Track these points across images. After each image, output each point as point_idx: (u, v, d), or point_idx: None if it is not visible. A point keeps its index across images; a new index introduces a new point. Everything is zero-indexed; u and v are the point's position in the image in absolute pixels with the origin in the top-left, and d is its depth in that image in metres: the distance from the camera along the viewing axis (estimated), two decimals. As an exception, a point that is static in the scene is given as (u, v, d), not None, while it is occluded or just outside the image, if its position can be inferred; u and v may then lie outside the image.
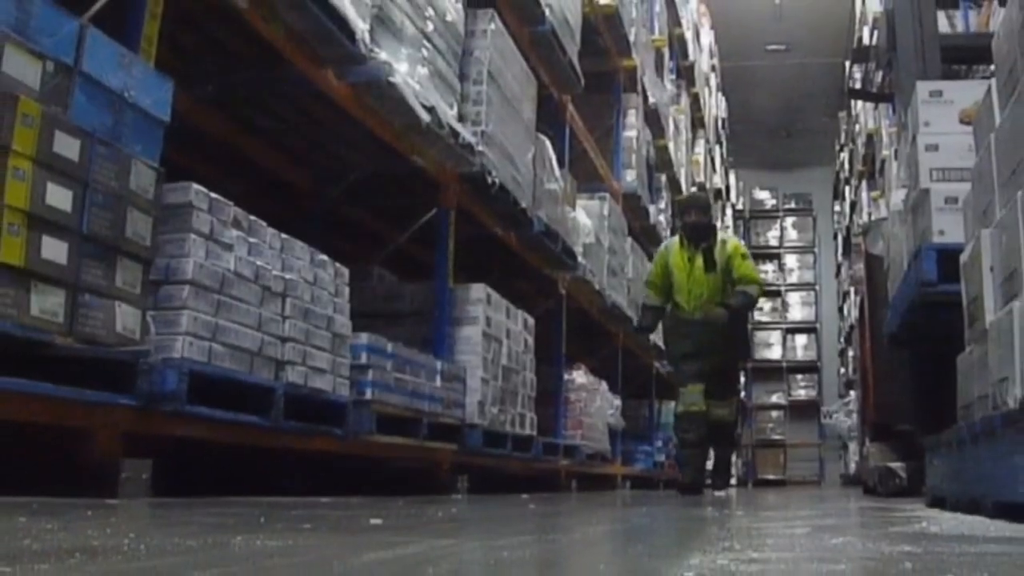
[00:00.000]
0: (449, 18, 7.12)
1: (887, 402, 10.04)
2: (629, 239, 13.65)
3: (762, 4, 23.72)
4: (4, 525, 2.33)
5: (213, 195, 4.72)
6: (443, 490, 7.16)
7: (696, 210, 10.14)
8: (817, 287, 29.55)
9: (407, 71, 6.34)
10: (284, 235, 5.36)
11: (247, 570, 1.72)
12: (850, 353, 21.60)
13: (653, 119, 15.60)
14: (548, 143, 9.66)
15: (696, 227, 9.96)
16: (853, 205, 21.85)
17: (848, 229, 23.16)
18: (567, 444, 10.75)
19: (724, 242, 10.06)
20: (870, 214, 16.18)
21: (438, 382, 7.08)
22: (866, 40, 14.89)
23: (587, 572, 1.99)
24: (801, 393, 28.41)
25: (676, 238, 10.41)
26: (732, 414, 10.33)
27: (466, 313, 7.91)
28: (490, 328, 8.05)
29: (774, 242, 29.29)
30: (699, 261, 9.78)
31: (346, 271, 6.02)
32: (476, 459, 7.80)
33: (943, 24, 9.53)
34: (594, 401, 12.07)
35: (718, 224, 14.24)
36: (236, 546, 2.12)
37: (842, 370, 25.71)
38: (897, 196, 9.04)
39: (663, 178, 17.22)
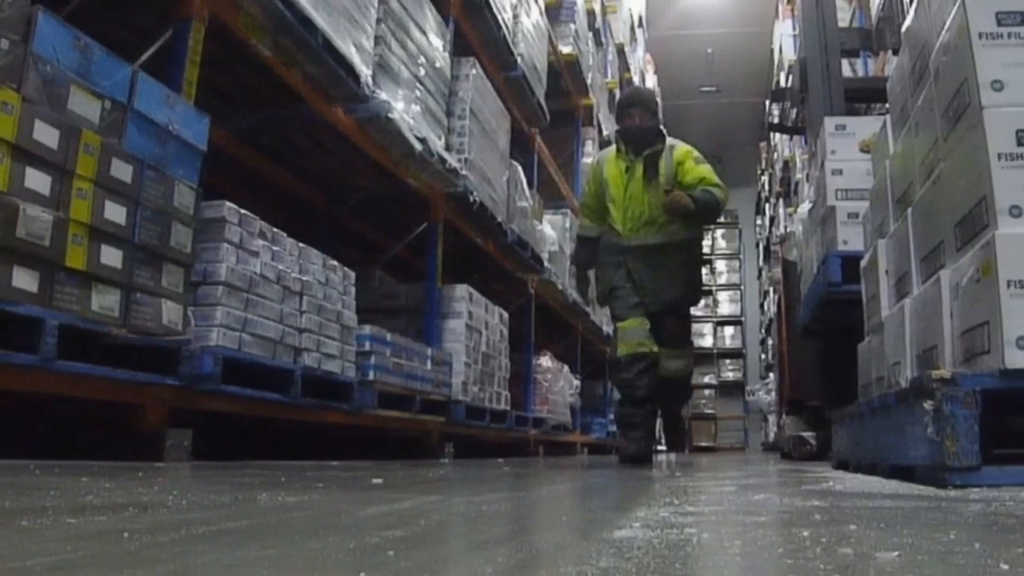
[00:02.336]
0: (438, 65, 7.13)
1: (800, 382, 10.05)
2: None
3: (697, 54, 23.79)
4: (69, 484, 2.33)
5: (242, 211, 4.72)
6: (433, 455, 7.16)
7: (640, 110, 7.02)
8: (742, 287, 29.59)
9: (403, 108, 6.35)
10: (301, 244, 5.36)
11: (271, 521, 1.72)
12: (769, 342, 21.60)
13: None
14: (519, 168, 9.66)
15: (639, 131, 6.95)
16: (772, 219, 21.88)
17: (768, 239, 23.18)
18: (536, 417, 10.74)
19: (672, 147, 6.95)
20: (786, 227, 16.20)
21: (429, 366, 7.08)
22: (783, 83, 14.91)
23: (552, 522, 2.00)
24: (729, 375, 28.46)
25: (613, 147, 7.30)
26: (687, 366, 7.26)
27: (452, 309, 7.91)
28: (472, 321, 8.05)
29: (706, 250, 29.25)
30: (638, 171, 6.89)
31: (352, 274, 6.01)
32: (460, 429, 7.79)
33: (847, 70, 9.57)
34: (558, 381, 12.06)
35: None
36: (262, 501, 2.12)
37: (763, 356, 25.70)
38: (804, 208, 9.06)
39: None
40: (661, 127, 7.18)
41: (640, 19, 20.07)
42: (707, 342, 28.40)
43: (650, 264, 6.90)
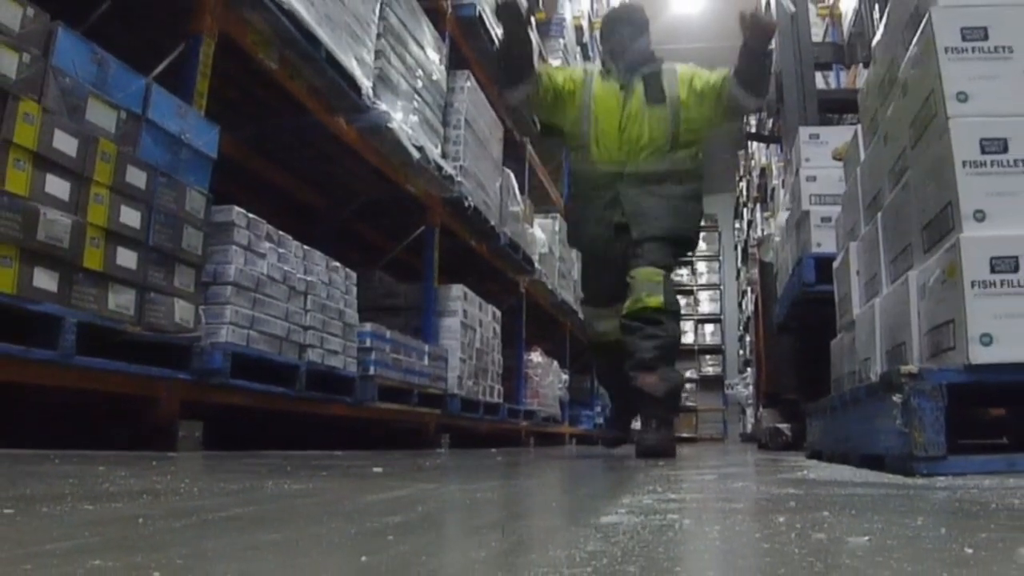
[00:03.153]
0: (435, 78, 7.14)
1: (776, 376, 10.05)
2: (574, 249, 13.65)
3: (679, 67, 23.83)
4: (87, 473, 2.33)
5: (250, 215, 4.72)
6: (430, 446, 7.16)
7: (630, 27, 5.98)
8: (721, 287, 29.57)
9: (402, 119, 6.35)
10: (306, 246, 5.36)
11: (278, 507, 1.72)
12: (747, 338, 21.61)
13: (594, 156, 15.62)
14: (512, 175, 9.67)
15: (632, 51, 5.91)
16: (749, 223, 21.86)
17: (746, 242, 23.17)
18: (527, 409, 10.76)
19: (673, 70, 5.92)
20: (763, 230, 16.20)
21: (426, 361, 7.08)
22: (760, 94, 14.91)
23: (542, 509, 2.00)
24: (709, 370, 28.47)
25: (596, 67, 6.22)
26: (667, 301, 5.56)
27: (448, 307, 7.92)
28: (466, 319, 8.06)
29: (687, 253, 29.33)
30: (638, 90, 5.81)
31: (354, 274, 6.01)
32: (455, 421, 7.80)
33: (820, 82, 9.56)
34: (547, 376, 12.09)
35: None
36: (268, 489, 2.12)
37: (741, 352, 25.72)
38: (782, 217, 9.05)
39: (602, 202, 17.25)
40: (655, 52, 6.05)
41: (625, 34, 20.08)
42: (688, 339, 28.46)
43: (648, 191, 5.77)
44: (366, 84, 5.83)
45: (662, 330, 5.53)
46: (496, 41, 8.86)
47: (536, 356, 11.79)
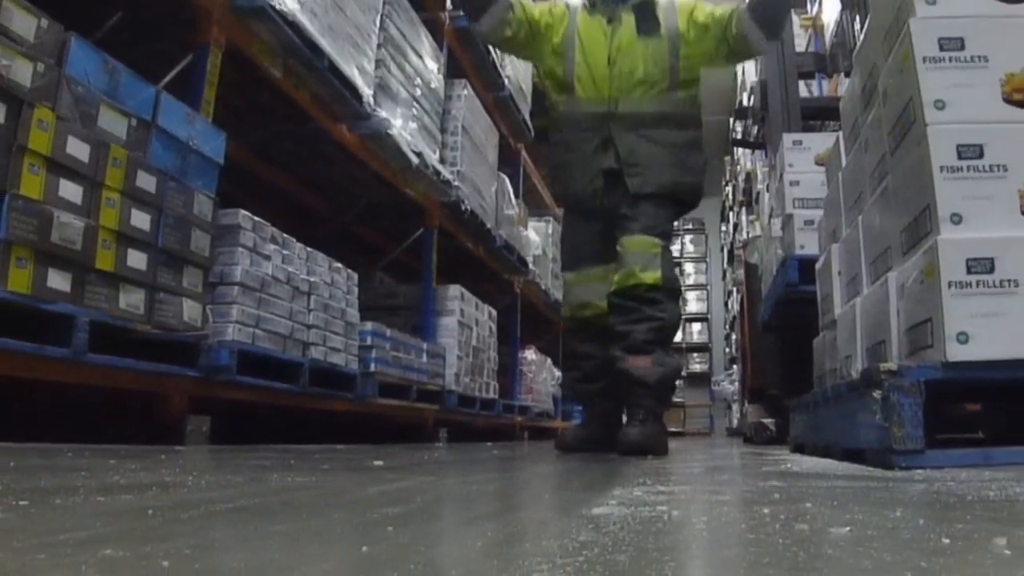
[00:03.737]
0: (433, 86, 7.13)
1: (761, 373, 10.04)
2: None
3: (668, 75, 23.76)
4: (99, 466, 2.32)
5: (256, 218, 4.72)
6: (428, 440, 7.16)
7: None
8: (708, 287, 29.56)
9: (401, 125, 6.35)
10: (309, 248, 5.36)
11: (282, 499, 1.72)
12: (733, 337, 21.60)
13: (586, 161, 15.59)
14: (507, 179, 9.67)
15: None
16: (735, 226, 21.83)
17: (731, 244, 23.16)
18: (521, 405, 10.76)
19: (672, 1, 5.04)
20: (748, 232, 16.16)
21: (424, 359, 7.08)
22: (746, 102, 14.90)
23: (536, 501, 2.00)
24: (696, 367, 28.45)
25: (580, 3, 5.21)
26: (665, 277, 4.73)
27: (445, 307, 7.92)
28: (463, 318, 8.06)
29: (676, 254, 29.30)
30: (628, 21, 4.95)
31: (355, 275, 6.01)
32: (453, 416, 7.80)
33: (803, 90, 9.56)
34: (541, 373, 12.09)
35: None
36: (273, 481, 2.11)
37: (727, 349, 25.70)
38: (775, 224, 9.05)
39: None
40: None
41: (616, 44, 20.05)
42: (676, 337, 28.42)
43: (644, 136, 4.87)
44: (367, 92, 5.83)
45: (660, 310, 4.72)
46: (493, 52, 8.87)
47: (530, 354, 11.80)
